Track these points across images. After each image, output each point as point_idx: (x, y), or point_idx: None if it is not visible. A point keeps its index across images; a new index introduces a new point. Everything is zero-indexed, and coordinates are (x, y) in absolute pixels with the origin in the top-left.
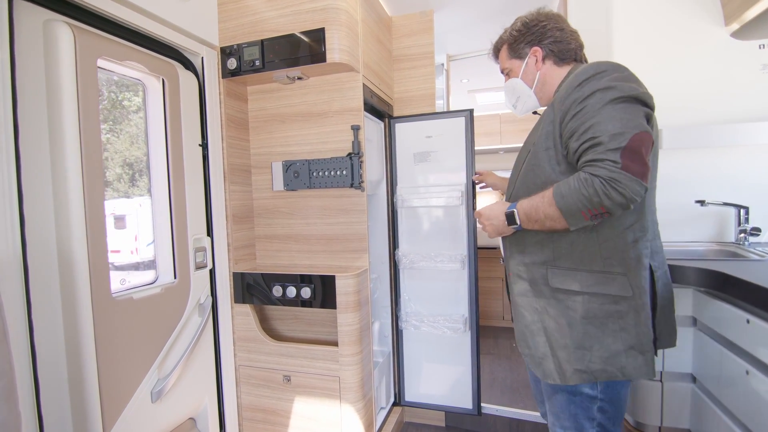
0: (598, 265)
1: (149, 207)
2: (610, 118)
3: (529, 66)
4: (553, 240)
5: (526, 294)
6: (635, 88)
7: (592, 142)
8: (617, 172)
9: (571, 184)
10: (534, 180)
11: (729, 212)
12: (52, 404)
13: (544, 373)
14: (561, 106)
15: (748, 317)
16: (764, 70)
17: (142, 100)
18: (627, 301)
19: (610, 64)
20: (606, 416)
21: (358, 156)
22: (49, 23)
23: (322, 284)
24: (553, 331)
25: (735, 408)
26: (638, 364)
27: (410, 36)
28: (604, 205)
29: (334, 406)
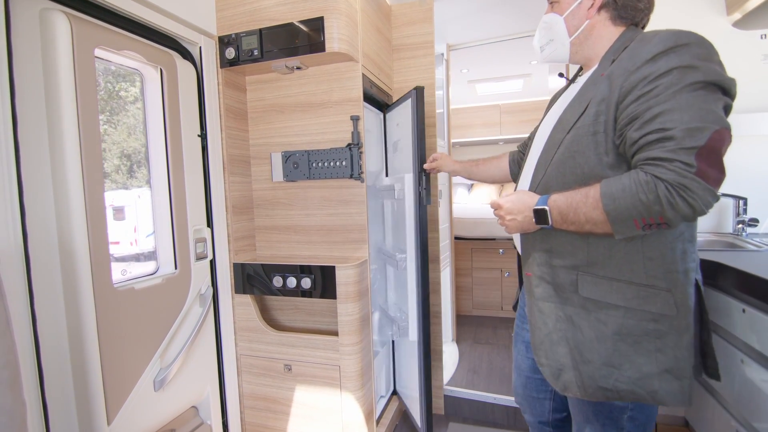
0: (639, 277)
1: (148, 198)
2: (687, 107)
3: (581, 8)
4: (588, 242)
5: (549, 299)
6: (719, 71)
7: (662, 134)
8: (690, 177)
9: (625, 185)
10: (573, 170)
11: (727, 203)
12: (56, 393)
13: (563, 386)
14: (623, 81)
15: (743, 307)
16: (765, 60)
17: (140, 90)
18: (669, 320)
19: (693, 35)
20: (635, 424)
21: (358, 147)
22: (46, 12)
23: (322, 275)
24: (577, 344)
25: (730, 397)
26: (673, 389)
27: (410, 25)
28: (664, 216)
29: (335, 394)
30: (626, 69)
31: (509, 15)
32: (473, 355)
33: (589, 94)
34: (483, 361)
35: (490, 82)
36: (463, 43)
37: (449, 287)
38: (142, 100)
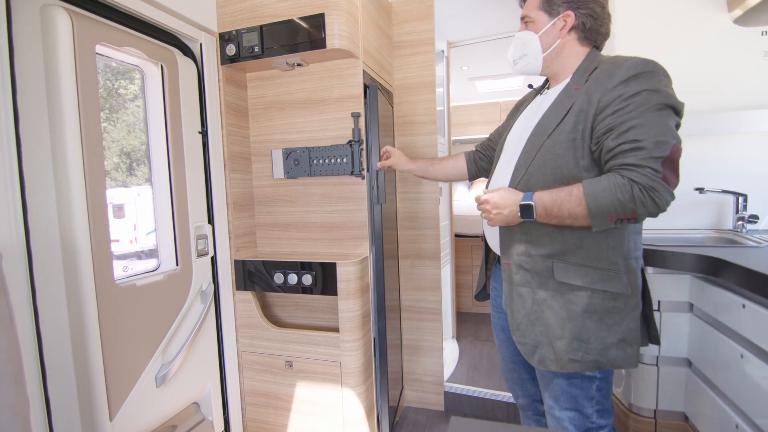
0: (603, 263)
1: (148, 196)
2: (654, 123)
3: (555, 28)
4: (562, 234)
5: (527, 285)
6: (674, 96)
7: (635, 145)
8: (658, 181)
9: (605, 186)
10: (554, 170)
11: (728, 200)
12: (59, 388)
13: (539, 360)
14: (600, 96)
15: (744, 302)
16: (766, 57)
17: (141, 86)
18: (625, 298)
19: (656, 63)
20: (602, 393)
21: (359, 143)
22: (47, 8)
23: (323, 271)
24: (551, 322)
25: (729, 391)
26: (627, 355)
27: (410, 22)
28: (636, 213)
29: (336, 390)
30: (603, 87)
31: (510, 12)
32: (473, 351)
33: (565, 104)
34: (483, 357)
35: (490, 79)
36: (463, 40)
37: (449, 284)
38: (143, 97)
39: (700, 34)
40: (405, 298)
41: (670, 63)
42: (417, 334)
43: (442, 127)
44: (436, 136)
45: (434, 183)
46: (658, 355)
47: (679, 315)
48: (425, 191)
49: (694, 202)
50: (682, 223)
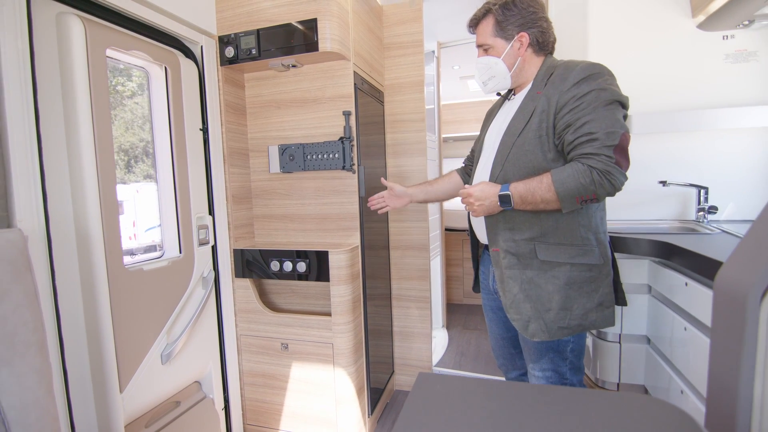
0: (577, 240)
1: (146, 193)
2: (603, 117)
3: (513, 49)
4: (540, 219)
5: (514, 267)
6: (620, 92)
7: (590, 136)
8: (612, 166)
9: (569, 173)
10: (526, 164)
11: (691, 192)
12: (75, 360)
13: (532, 333)
14: (557, 98)
15: (686, 281)
16: (727, 59)
17: (140, 84)
18: (599, 268)
19: (601, 66)
20: (574, 354)
21: (350, 140)
22: (62, 16)
23: (317, 259)
24: (540, 298)
25: (676, 361)
26: (605, 316)
27: (400, 24)
28: (596, 193)
29: (328, 370)
30: (559, 89)
31: None
32: (462, 339)
33: (529, 107)
34: (471, 345)
35: None
36: (453, 40)
37: (439, 276)
38: (148, 97)
39: (667, 38)
40: (395, 286)
41: (639, 65)
42: (407, 321)
43: (433, 125)
44: (424, 133)
45: (423, 178)
46: (620, 333)
47: (639, 296)
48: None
49: (659, 194)
50: (649, 214)
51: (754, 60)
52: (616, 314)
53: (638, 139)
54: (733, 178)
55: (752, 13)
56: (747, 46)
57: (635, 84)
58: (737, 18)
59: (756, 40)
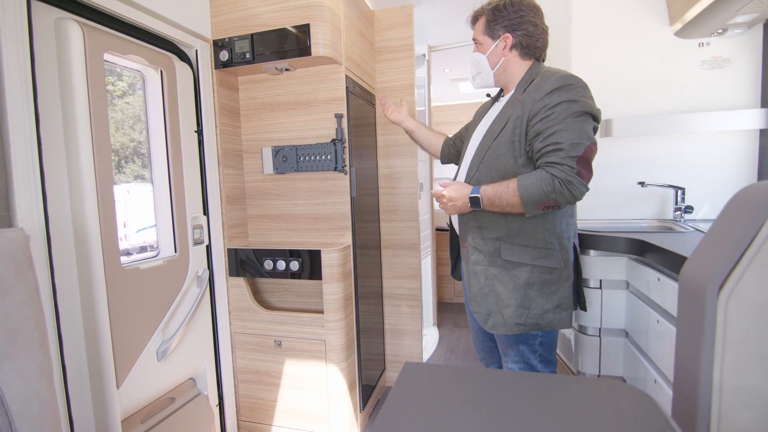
0: (540, 243)
1: (138, 194)
2: (571, 129)
3: (498, 48)
4: (507, 220)
5: (480, 263)
6: (591, 104)
7: (556, 146)
8: (573, 176)
9: (534, 180)
10: (498, 167)
11: (669, 193)
12: (74, 356)
13: (492, 326)
14: (531, 106)
15: (659, 276)
16: (703, 66)
17: (138, 87)
18: (559, 271)
19: (576, 78)
20: (544, 347)
21: (341, 142)
22: (61, 21)
23: (309, 258)
24: (500, 294)
25: (650, 352)
26: (562, 318)
27: (391, 29)
28: (557, 201)
29: (321, 366)
30: (533, 98)
31: None
32: (452, 337)
33: (508, 113)
34: (461, 342)
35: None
36: (444, 44)
37: (430, 275)
38: (144, 99)
39: (646, 45)
40: (387, 285)
41: (620, 71)
42: (398, 318)
43: None
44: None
45: (413, 179)
46: (600, 327)
47: (618, 292)
48: (404, 186)
49: (639, 194)
50: (629, 214)
51: (728, 66)
52: (597, 310)
53: (618, 142)
54: (709, 179)
55: (725, 21)
56: (722, 53)
57: (616, 89)
58: (712, 26)
59: (730, 47)
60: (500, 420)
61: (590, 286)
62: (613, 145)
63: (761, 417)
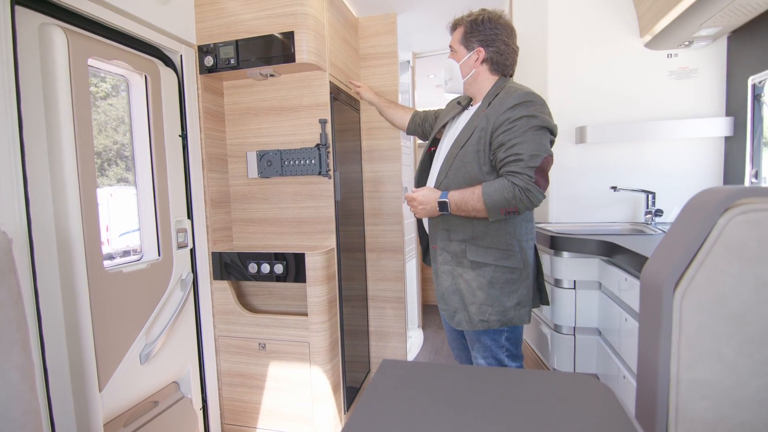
0: (502, 245)
1: (120, 197)
2: (530, 141)
3: (470, 60)
4: (472, 224)
5: (448, 263)
6: (549, 120)
7: (516, 157)
8: (531, 185)
9: (496, 187)
10: (464, 174)
11: (640, 197)
12: (56, 359)
13: (457, 323)
14: (495, 119)
15: (626, 276)
16: (671, 76)
17: (121, 90)
18: (519, 271)
19: (536, 95)
20: (510, 343)
21: (326, 147)
22: (44, 27)
23: (294, 261)
24: (465, 292)
25: (622, 351)
26: (521, 314)
27: (375, 36)
28: (517, 207)
29: (305, 368)
30: (497, 111)
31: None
32: (437, 339)
33: (474, 123)
34: (445, 344)
35: None
36: (428, 51)
37: (415, 278)
38: (128, 104)
39: (618, 56)
40: (371, 287)
41: (593, 80)
42: (382, 321)
43: None
44: (399, 140)
45: (398, 183)
46: (575, 326)
47: (591, 292)
48: (389, 190)
49: (612, 198)
50: (604, 217)
51: (695, 77)
52: (572, 309)
53: (593, 148)
54: (678, 184)
55: (691, 34)
56: (688, 64)
57: (590, 97)
58: (679, 38)
59: (696, 58)
60: (469, 413)
61: (564, 286)
62: (587, 151)
63: (715, 407)
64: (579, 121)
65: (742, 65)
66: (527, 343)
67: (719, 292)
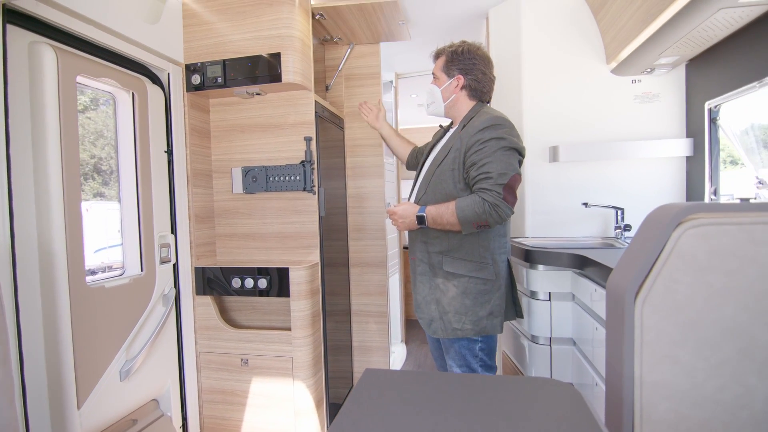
0: (476, 257)
1: (97, 212)
2: (499, 161)
3: (450, 86)
4: (448, 237)
5: (425, 274)
6: (517, 141)
7: (486, 175)
8: (500, 200)
9: (468, 203)
10: (441, 191)
11: (610, 212)
12: (34, 375)
13: (433, 331)
14: (467, 140)
15: (595, 287)
16: (635, 100)
17: (93, 98)
18: (491, 283)
19: (504, 119)
20: (484, 353)
21: (310, 163)
22: (34, 45)
23: (278, 276)
24: (441, 302)
25: (594, 360)
26: (493, 324)
27: (359, 58)
28: (488, 221)
29: (287, 383)
30: (469, 133)
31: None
32: (419, 353)
33: (450, 144)
34: (428, 358)
35: None
36: (410, 72)
37: (398, 292)
38: (114, 120)
39: (587, 81)
40: (354, 302)
41: (564, 103)
42: (365, 335)
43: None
44: (382, 157)
45: (381, 199)
46: (550, 337)
47: (565, 303)
48: (372, 205)
49: (584, 214)
50: (577, 232)
51: (657, 101)
52: (547, 320)
53: (565, 166)
54: (645, 201)
55: (652, 62)
56: (651, 89)
57: (562, 118)
58: (641, 65)
59: (658, 84)
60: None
61: (540, 298)
62: (560, 169)
63: (676, 408)
64: (552, 141)
65: (699, 91)
66: (507, 354)
67: (675, 300)
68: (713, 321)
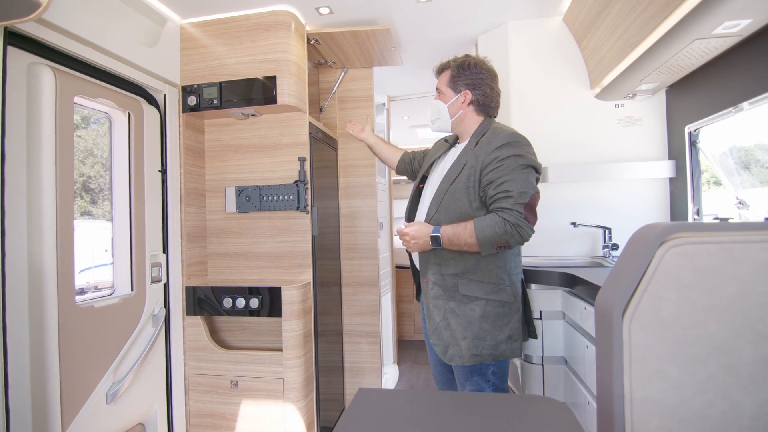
0: (493, 279)
1: (83, 231)
2: (518, 179)
3: (457, 101)
4: (464, 258)
5: (440, 297)
6: (534, 159)
7: (506, 194)
8: (521, 220)
9: (488, 223)
10: (455, 210)
11: (598, 232)
12: (18, 397)
13: (449, 358)
14: (483, 158)
15: (585, 305)
16: (619, 123)
17: (85, 116)
18: (510, 305)
19: (521, 136)
20: (496, 377)
21: (304, 183)
22: (33, 66)
23: (269, 295)
24: (457, 327)
25: (585, 378)
26: (513, 348)
27: (353, 81)
28: (508, 241)
29: (278, 406)
30: (485, 150)
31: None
32: (412, 374)
33: (463, 160)
34: (420, 378)
35: (427, 127)
36: (402, 95)
37: (390, 312)
38: (109, 140)
39: (572, 105)
40: (347, 322)
41: (552, 126)
42: (357, 356)
43: (383, 169)
44: (374, 177)
45: (373, 218)
46: (542, 356)
47: (556, 322)
48: (364, 225)
49: (572, 233)
50: (565, 251)
51: (639, 124)
52: (540, 339)
53: (554, 187)
54: (631, 220)
55: (634, 88)
56: (634, 113)
57: (549, 141)
58: (624, 91)
59: (640, 108)
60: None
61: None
62: (549, 189)
63: (666, 424)
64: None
65: (679, 115)
66: None
67: (661, 317)
68: (698, 337)
